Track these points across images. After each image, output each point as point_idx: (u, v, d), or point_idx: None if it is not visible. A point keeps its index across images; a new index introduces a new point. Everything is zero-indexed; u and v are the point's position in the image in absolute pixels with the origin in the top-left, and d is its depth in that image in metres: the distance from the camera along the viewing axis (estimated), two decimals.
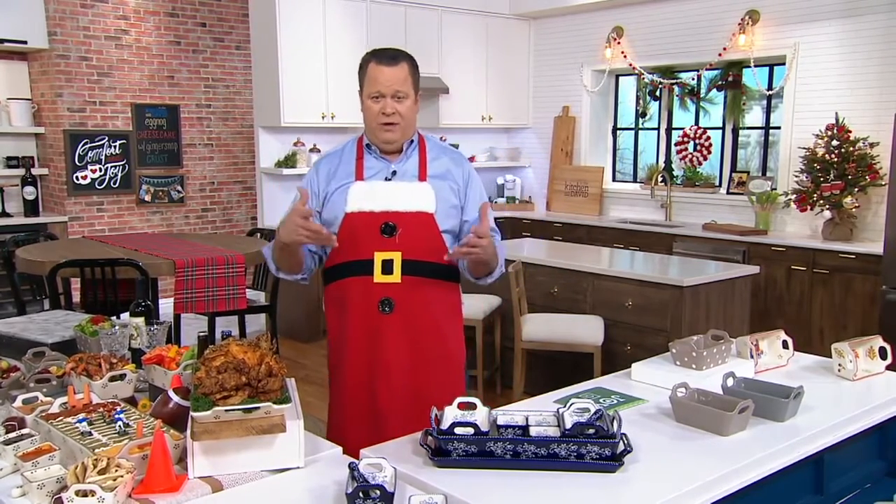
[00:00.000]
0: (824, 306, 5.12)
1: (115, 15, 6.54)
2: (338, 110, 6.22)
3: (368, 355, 2.23)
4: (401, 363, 2.21)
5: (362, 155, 2.27)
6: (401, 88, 2.19)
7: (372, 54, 2.23)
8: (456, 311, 2.35)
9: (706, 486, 1.56)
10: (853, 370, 2.16)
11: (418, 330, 2.22)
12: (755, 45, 5.89)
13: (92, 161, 6.52)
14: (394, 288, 2.18)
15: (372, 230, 2.18)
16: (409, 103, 2.21)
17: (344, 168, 2.26)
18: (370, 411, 2.24)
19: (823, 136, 5.28)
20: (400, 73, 2.19)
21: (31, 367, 2.04)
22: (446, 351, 2.30)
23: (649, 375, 2.15)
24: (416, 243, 2.19)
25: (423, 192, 2.22)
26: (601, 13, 6.90)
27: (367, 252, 2.18)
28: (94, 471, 1.38)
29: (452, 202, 2.26)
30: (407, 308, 2.20)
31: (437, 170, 2.27)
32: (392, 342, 2.21)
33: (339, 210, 2.21)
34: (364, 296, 2.20)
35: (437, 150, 2.33)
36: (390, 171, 2.24)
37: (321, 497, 1.48)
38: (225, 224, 7.36)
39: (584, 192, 7.08)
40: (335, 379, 2.33)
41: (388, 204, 2.19)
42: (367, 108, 2.22)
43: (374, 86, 2.18)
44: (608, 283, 4.23)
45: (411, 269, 2.19)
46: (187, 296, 3.43)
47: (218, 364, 1.56)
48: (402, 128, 2.22)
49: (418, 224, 2.20)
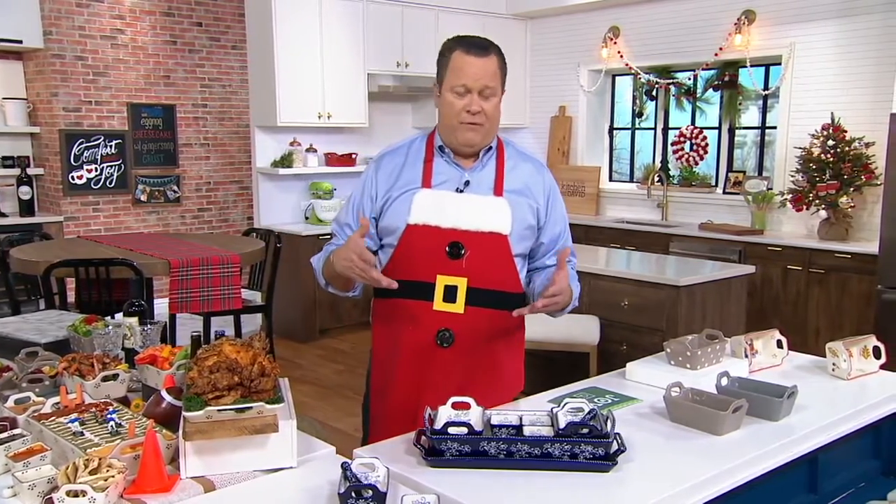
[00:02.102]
0: (820, 306, 5.13)
1: (111, 14, 6.53)
2: (334, 110, 6.21)
3: (416, 387, 1.99)
4: (448, 397, 1.95)
5: (432, 157, 2.00)
6: (490, 84, 1.92)
7: (458, 41, 1.96)
8: (518, 345, 2.15)
9: (700, 485, 1.56)
10: (847, 369, 2.16)
11: (476, 366, 2.00)
12: (751, 44, 5.89)
13: (88, 161, 6.51)
14: (455, 318, 1.94)
15: (436, 249, 1.93)
16: (496, 101, 1.96)
17: (410, 170, 2.00)
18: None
19: (819, 136, 5.29)
20: (490, 66, 1.93)
21: (24, 367, 2.03)
22: (502, 387, 2.07)
23: (644, 375, 2.15)
24: (486, 269, 1.94)
25: (499, 209, 1.95)
26: (598, 13, 6.91)
27: (428, 274, 1.93)
28: (86, 471, 1.37)
29: (529, 222, 2.00)
30: (467, 342, 1.96)
31: (516, 183, 2.00)
32: (445, 377, 1.98)
33: (401, 220, 1.95)
34: (420, 323, 1.96)
35: (517, 158, 2.05)
36: (463, 182, 1.97)
37: (314, 497, 1.48)
38: (221, 224, 7.35)
39: (581, 192, 7.09)
40: (379, 402, 2.11)
41: (457, 220, 1.93)
42: (448, 104, 1.94)
43: (460, 78, 1.91)
44: (604, 282, 4.22)
45: (476, 298, 1.94)
46: (182, 296, 3.43)
47: (210, 364, 1.56)
48: (487, 130, 1.96)
49: (490, 247, 1.94)
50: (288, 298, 6.01)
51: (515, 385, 2.17)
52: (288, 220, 6.41)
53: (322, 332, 6.11)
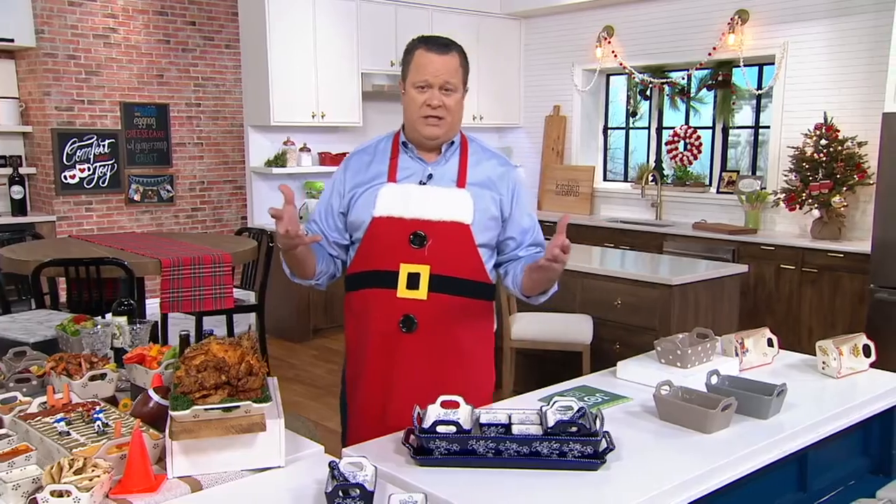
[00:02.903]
0: (813, 305, 5.14)
1: (104, 13, 6.51)
2: (328, 109, 6.20)
3: (384, 376, 2.05)
4: (417, 388, 1.99)
5: (397, 153, 2.08)
6: (450, 80, 2.00)
7: (421, 40, 2.05)
8: (486, 336, 2.15)
9: (688, 483, 1.56)
10: (837, 368, 2.16)
11: (440, 354, 2.03)
12: (744, 44, 5.90)
13: (80, 160, 6.48)
14: (418, 305, 1.99)
15: (399, 239, 1.99)
16: (457, 97, 2.02)
17: (376, 166, 2.08)
18: (382, 432, 1.99)
19: (812, 136, 5.30)
20: (451, 63, 2.00)
21: (12, 366, 2.02)
22: (470, 379, 2.07)
23: (634, 373, 2.15)
24: (448, 257, 2.00)
25: (461, 200, 2.02)
26: (592, 12, 6.91)
27: (392, 263, 2.00)
28: (70, 471, 1.36)
29: (493, 213, 2.05)
30: (431, 328, 2.01)
31: (479, 176, 2.06)
32: (410, 365, 2.02)
33: (366, 213, 2.03)
34: (385, 310, 2.01)
35: (481, 153, 2.11)
36: (426, 175, 2.05)
37: (301, 496, 1.47)
38: (215, 224, 7.33)
39: (575, 192, 7.09)
40: (352, 393, 2.16)
41: (420, 211, 2.00)
42: (411, 99, 2.02)
43: (422, 74, 1.99)
44: (597, 282, 4.22)
45: (439, 285, 1.99)
46: (173, 295, 3.41)
47: (198, 363, 1.55)
48: (448, 123, 2.02)
49: (452, 235, 2.00)
50: (282, 298, 6.00)
51: (487, 378, 2.18)
52: None
53: (316, 332, 6.10)
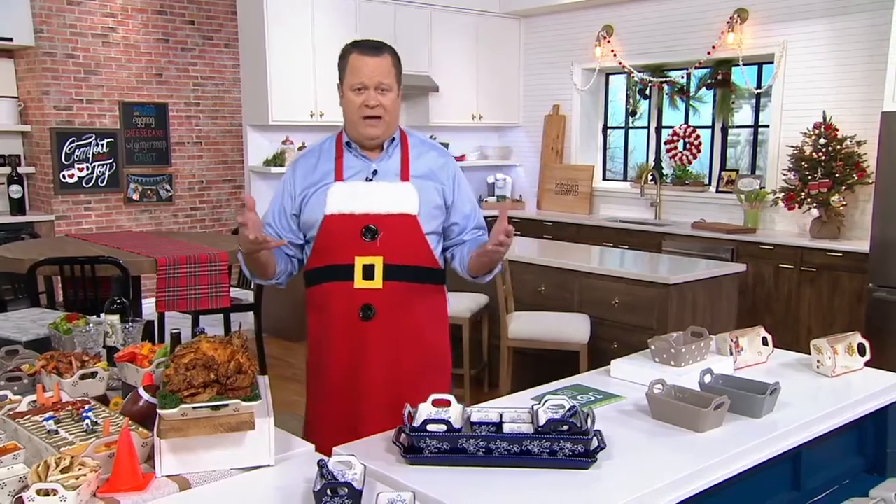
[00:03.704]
0: (812, 304, 5.13)
1: (103, 12, 6.51)
2: (326, 108, 6.19)
3: (349, 363, 2.15)
4: (382, 371, 2.14)
5: (342, 154, 2.17)
6: (385, 80, 2.09)
7: (353, 45, 2.14)
8: (440, 316, 2.27)
9: (679, 482, 1.55)
10: (832, 366, 2.15)
11: (400, 337, 2.15)
12: (744, 43, 5.89)
13: (79, 159, 6.48)
14: (375, 294, 2.11)
15: (352, 234, 2.10)
16: (392, 96, 2.12)
17: (322, 167, 2.17)
18: (349, 417, 2.16)
19: (811, 135, 5.29)
20: (384, 64, 2.10)
21: (4, 365, 2.02)
22: (430, 358, 2.22)
23: (628, 372, 2.14)
24: (399, 247, 2.11)
25: (406, 193, 2.13)
26: (591, 12, 6.90)
27: (347, 256, 2.11)
28: (57, 469, 1.36)
29: (436, 202, 2.18)
30: (389, 315, 2.12)
31: (421, 169, 2.18)
32: (373, 350, 2.14)
33: (318, 212, 2.13)
34: (344, 302, 2.13)
35: (420, 147, 2.23)
36: (371, 171, 2.15)
37: (290, 495, 1.46)
38: (214, 223, 7.33)
39: (575, 191, 7.08)
40: (314, 382, 2.26)
41: (368, 206, 2.11)
42: (349, 101, 2.12)
43: (357, 77, 2.09)
44: (595, 281, 4.22)
45: (393, 273, 2.11)
46: (169, 294, 3.41)
47: (187, 361, 1.55)
48: (386, 122, 2.12)
49: (401, 227, 2.12)
50: (279, 298, 5.98)
51: (444, 361, 2.30)
52: None
53: None
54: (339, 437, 2.00)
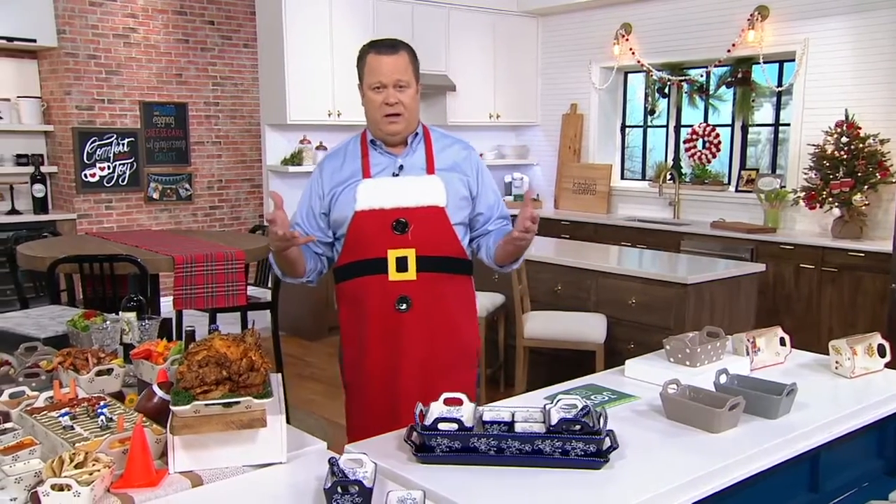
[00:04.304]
0: (833, 305, 5.06)
1: (124, 13, 6.57)
2: (344, 108, 6.21)
3: (388, 354, 2.19)
4: (418, 359, 2.18)
5: (367, 151, 2.22)
6: (402, 77, 2.14)
7: (370, 45, 2.19)
8: (470, 304, 2.32)
9: (693, 482, 1.53)
10: (850, 367, 2.12)
11: (435, 326, 2.19)
12: (764, 41, 5.83)
13: (100, 159, 6.55)
14: (410, 285, 2.15)
15: (383, 228, 2.14)
16: (411, 92, 2.17)
17: (349, 166, 2.22)
18: (391, 408, 2.19)
19: (833, 133, 5.22)
20: (400, 62, 2.15)
21: (23, 361, 2.04)
22: (462, 344, 2.27)
23: (643, 372, 2.13)
24: (429, 238, 2.16)
25: (433, 185, 2.18)
26: (609, 10, 6.86)
27: (379, 250, 2.15)
28: (71, 465, 1.37)
29: (462, 193, 2.22)
30: (423, 305, 2.17)
31: (445, 162, 2.23)
32: (410, 340, 2.17)
33: (349, 209, 2.17)
34: (380, 295, 2.16)
35: (443, 140, 2.29)
36: (397, 167, 2.20)
37: (301, 492, 1.47)
38: (233, 222, 7.38)
39: (593, 190, 7.04)
40: (354, 378, 2.28)
41: (397, 200, 2.15)
42: (369, 101, 2.17)
43: (375, 76, 2.14)
44: (612, 280, 4.19)
45: (426, 265, 2.16)
46: (186, 292, 3.44)
47: (200, 358, 1.55)
48: (406, 118, 2.17)
49: (430, 219, 2.16)
50: (297, 297, 6.02)
51: (473, 341, 2.33)
52: None
53: (331, 330, 6.10)
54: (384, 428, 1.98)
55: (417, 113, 2.22)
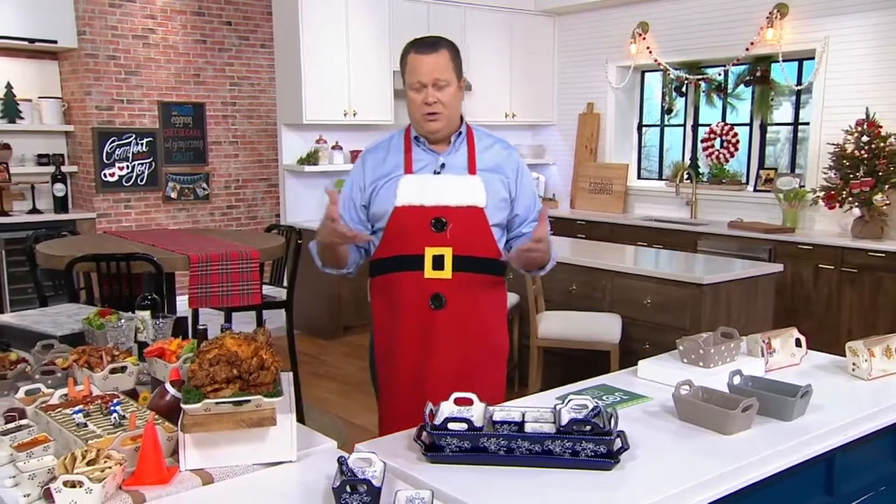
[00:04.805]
0: (853, 306, 5.00)
1: (143, 14, 6.63)
2: (359, 107, 6.23)
3: (419, 349, 2.20)
4: (450, 357, 2.19)
5: (410, 147, 2.23)
6: (441, 76, 2.14)
7: (411, 44, 2.20)
8: (502, 306, 2.33)
9: (704, 484, 1.52)
10: (867, 369, 2.09)
11: (467, 325, 2.20)
12: (784, 39, 5.77)
13: (119, 159, 6.61)
14: (444, 284, 2.16)
15: (422, 225, 2.15)
16: (451, 91, 2.17)
17: (392, 160, 2.23)
18: (421, 403, 2.19)
19: (853, 132, 5.16)
20: (440, 61, 2.15)
21: (39, 358, 2.07)
22: (492, 344, 2.28)
23: (655, 373, 2.11)
24: (467, 238, 2.16)
25: (474, 185, 2.18)
26: (626, 8, 6.82)
27: (417, 247, 2.16)
28: (83, 462, 1.38)
29: (502, 195, 2.22)
30: (457, 304, 2.17)
31: (487, 162, 2.23)
32: (442, 338, 2.18)
33: (389, 203, 2.18)
34: (414, 291, 2.17)
35: (486, 140, 2.29)
36: (439, 164, 2.21)
37: (311, 491, 1.47)
38: (250, 221, 7.43)
39: (609, 190, 7.01)
40: (386, 371, 2.30)
41: (438, 198, 2.16)
42: (410, 100, 2.19)
43: (415, 76, 2.15)
44: (627, 280, 4.17)
45: (462, 264, 2.16)
46: (202, 291, 3.46)
47: (211, 356, 1.56)
48: (446, 116, 2.17)
49: (469, 219, 2.17)
50: (313, 296, 6.05)
51: (503, 341, 2.34)
52: (314, 218, 6.44)
53: (346, 330, 6.13)
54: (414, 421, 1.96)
55: (458, 111, 2.22)
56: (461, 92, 2.22)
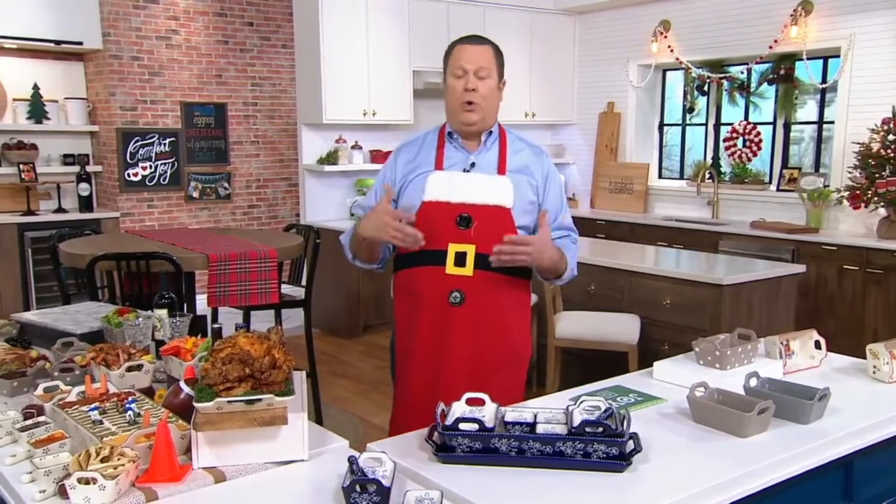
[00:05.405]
0: (878, 307, 4.92)
1: (166, 15, 6.70)
2: (379, 107, 6.24)
3: (436, 345, 2.21)
4: (465, 355, 2.19)
5: (443, 144, 2.26)
6: (485, 65, 2.17)
7: (459, 39, 2.25)
8: (524, 309, 2.32)
9: (717, 487, 1.50)
10: (889, 372, 2.06)
11: (485, 324, 2.19)
12: (808, 36, 5.69)
13: (143, 158, 6.69)
14: (465, 281, 2.16)
15: (448, 221, 2.17)
16: (491, 83, 2.19)
17: (424, 156, 2.26)
18: (434, 400, 2.18)
19: (879, 131, 5.08)
20: (485, 52, 2.19)
21: (59, 356, 2.10)
22: (511, 346, 2.26)
23: (671, 374, 2.09)
24: (492, 237, 2.14)
25: (502, 185, 2.19)
26: (647, 7, 6.77)
27: (441, 243, 2.17)
28: (97, 459, 1.40)
29: (530, 198, 2.23)
30: (476, 302, 2.17)
31: (517, 164, 2.24)
32: (459, 334, 2.18)
33: (417, 198, 2.20)
34: (435, 286, 2.18)
35: (518, 143, 2.30)
36: (469, 163, 2.23)
37: (322, 490, 1.48)
38: (270, 220, 7.48)
39: (630, 190, 6.96)
40: (403, 367, 2.31)
41: (466, 196, 2.17)
42: (450, 89, 2.21)
43: (458, 62, 2.18)
44: (646, 280, 4.14)
45: (484, 263, 2.15)
46: (220, 289, 3.49)
47: (223, 355, 1.57)
48: (483, 109, 2.18)
49: (495, 218, 2.17)
50: (332, 295, 6.08)
51: (524, 343, 2.33)
52: (333, 217, 6.48)
53: (365, 329, 6.15)
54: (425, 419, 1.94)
55: (495, 110, 2.24)
56: (500, 93, 2.23)
